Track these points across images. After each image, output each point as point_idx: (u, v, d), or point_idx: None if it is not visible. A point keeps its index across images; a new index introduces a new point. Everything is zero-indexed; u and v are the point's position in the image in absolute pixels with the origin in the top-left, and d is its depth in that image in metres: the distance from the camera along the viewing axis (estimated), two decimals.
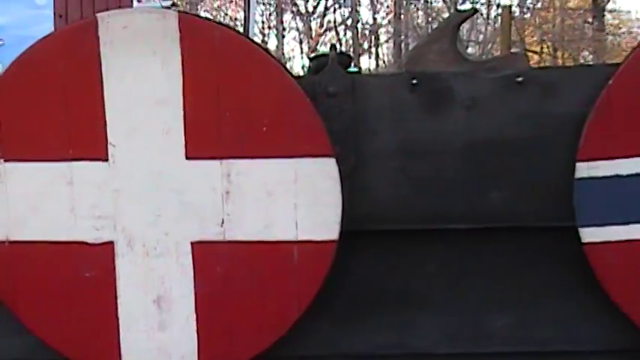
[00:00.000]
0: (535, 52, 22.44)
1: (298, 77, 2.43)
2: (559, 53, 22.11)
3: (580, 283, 2.38)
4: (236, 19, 20.30)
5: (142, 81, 2.30)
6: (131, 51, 2.28)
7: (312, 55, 11.30)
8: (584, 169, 2.34)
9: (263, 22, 23.74)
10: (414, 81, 2.39)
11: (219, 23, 2.42)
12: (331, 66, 2.44)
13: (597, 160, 2.33)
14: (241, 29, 7.11)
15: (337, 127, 2.39)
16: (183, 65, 2.29)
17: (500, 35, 2.60)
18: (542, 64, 21.18)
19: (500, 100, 2.37)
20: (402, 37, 22.62)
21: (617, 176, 2.34)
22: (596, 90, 2.32)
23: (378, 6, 24.03)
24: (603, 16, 22.70)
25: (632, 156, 2.32)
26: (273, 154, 2.36)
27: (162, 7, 4.66)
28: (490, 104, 2.38)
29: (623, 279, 2.34)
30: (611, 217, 2.36)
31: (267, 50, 2.42)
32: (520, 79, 2.36)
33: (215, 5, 22.85)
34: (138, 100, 2.31)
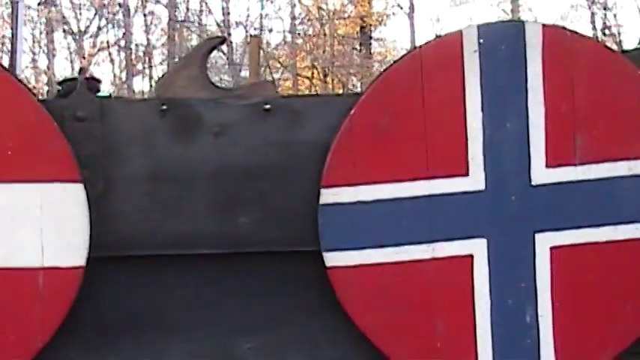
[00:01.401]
0: (306, 78, 24.44)
1: (44, 101, 2.57)
2: (329, 79, 24.21)
3: (325, 306, 2.62)
4: (4, 36, 20.49)
5: None
6: None
7: (61, 79, 11.50)
8: (328, 196, 2.57)
9: (34, 41, 23.99)
10: (164, 107, 2.56)
11: None
12: (79, 90, 2.59)
13: (340, 186, 2.58)
14: (9, 46, 7.25)
15: (86, 152, 2.52)
16: None
17: (249, 63, 2.85)
18: (313, 90, 23.29)
19: (248, 127, 2.58)
20: (176, 59, 23.55)
21: (359, 202, 2.65)
22: (340, 119, 2.57)
23: (153, 27, 25.05)
24: (370, 44, 25.18)
25: (372, 183, 2.64)
26: (18, 179, 2.49)
27: None
28: (238, 131, 2.58)
29: (362, 302, 2.66)
30: (352, 242, 2.62)
31: (10, 72, 2.61)
32: (268, 106, 2.57)
33: None
34: None
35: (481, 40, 2.56)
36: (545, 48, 2.54)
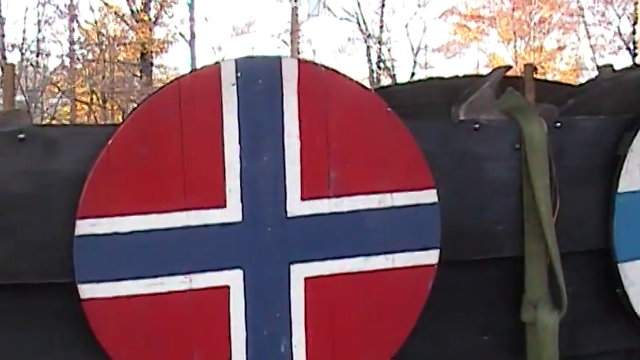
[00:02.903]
0: (85, 103, 25.50)
1: None
2: (109, 104, 25.37)
3: (80, 340, 2.75)
4: None
5: None
6: None
7: None
8: (84, 227, 2.69)
9: None
10: None
11: None
12: None
13: (96, 217, 2.71)
14: None
15: None
16: None
17: (4, 92, 2.99)
18: (92, 115, 24.94)
19: (2, 156, 2.70)
20: None
21: (116, 234, 2.86)
22: (98, 149, 2.70)
23: None
24: (151, 71, 27.31)
25: (129, 214, 2.87)
26: None
27: None
28: None
29: (117, 334, 2.86)
30: (108, 273, 2.79)
31: None
32: (22, 135, 2.70)
33: None
34: None
35: (239, 74, 2.84)
36: (300, 83, 2.87)
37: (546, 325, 3.08)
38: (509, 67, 3.33)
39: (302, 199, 2.84)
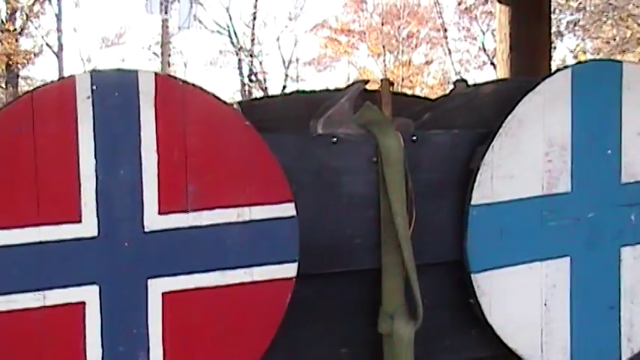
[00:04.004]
0: None
1: None
2: None
3: None
4: None
5: None
6: None
7: None
8: None
9: None
10: None
11: None
12: None
13: None
14: None
15: None
16: None
17: None
18: None
19: None
20: None
21: None
22: None
23: None
24: (17, 82, 28.28)
25: None
26: None
27: None
28: None
29: None
30: None
31: None
32: None
33: None
34: None
35: (94, 87, 2.95)
36: (157, 97, 3.03)
37: (402, 336, 3.35)
38: (367, 82, 3.62)
39: (160, 213, 3.01)
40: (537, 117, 3.43)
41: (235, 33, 38.34)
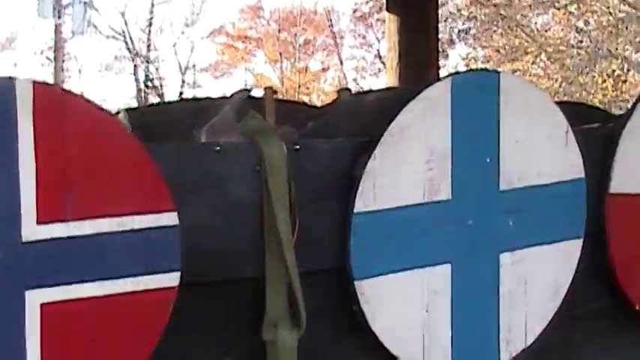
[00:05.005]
0: None
1: None
2: None
3: None
4: None
5: None
6: None
7: None
8: None
9: None
10: None
11: None
12: None
13: None
14: None
15: None
16: None
17: None
18: None
19: None
20: None
21: None
22: None
23: None
24: None
25: None
26: None
27: None
28: None
29: None
30: None
31: None
32: None
33: None
34: None
35: None
36: (36, 105, 3.05)
37: (285, 343, 3.44)
38: (251, 90, 3.70)
39: (38, 222, 3.03)
40: (418, 125, 3.57)
41: (131, 39, 38.18)
